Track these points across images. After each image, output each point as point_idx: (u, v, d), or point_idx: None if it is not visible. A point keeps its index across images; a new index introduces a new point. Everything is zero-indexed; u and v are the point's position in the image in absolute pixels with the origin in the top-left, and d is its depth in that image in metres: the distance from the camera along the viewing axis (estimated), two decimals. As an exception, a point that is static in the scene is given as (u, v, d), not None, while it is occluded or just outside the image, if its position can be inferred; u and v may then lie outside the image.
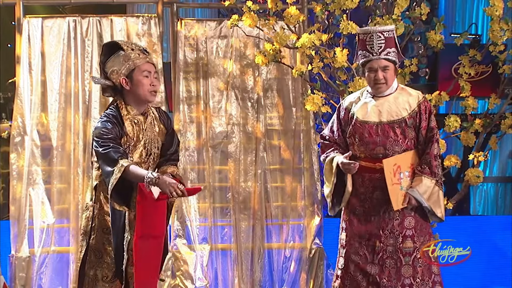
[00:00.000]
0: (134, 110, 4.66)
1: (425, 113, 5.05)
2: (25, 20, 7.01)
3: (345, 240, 5.11)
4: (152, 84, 4.64)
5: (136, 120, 4.64)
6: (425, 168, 5.00)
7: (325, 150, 5.17)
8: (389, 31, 5.01)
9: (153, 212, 4.52)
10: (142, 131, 4.64)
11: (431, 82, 8.95)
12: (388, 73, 5.00)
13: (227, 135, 7.15)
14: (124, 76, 4.60)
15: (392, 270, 4.98)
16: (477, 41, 8.26)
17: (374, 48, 4.97)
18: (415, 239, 5.03)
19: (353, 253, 5.04)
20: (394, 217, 5.00)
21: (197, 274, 7.01)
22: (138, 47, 4.71)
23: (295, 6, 6.35)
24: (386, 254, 4.98)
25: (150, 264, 4.58)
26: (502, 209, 10.10)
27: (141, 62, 4.62)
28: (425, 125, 5.04)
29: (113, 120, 4.56)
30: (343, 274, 5.07)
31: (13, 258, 6.87)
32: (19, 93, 6.96)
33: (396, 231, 5.00)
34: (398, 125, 5.01)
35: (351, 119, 5.09)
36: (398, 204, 4.95)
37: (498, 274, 7.41)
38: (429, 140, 5.04)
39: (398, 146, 5.00)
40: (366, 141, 5.01)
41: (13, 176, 6.96)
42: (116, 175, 4.38)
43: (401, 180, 4.96)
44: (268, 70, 7.16)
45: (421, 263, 5.03)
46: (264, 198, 7.13)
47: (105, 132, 4.50)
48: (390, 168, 4.92)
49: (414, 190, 4.97)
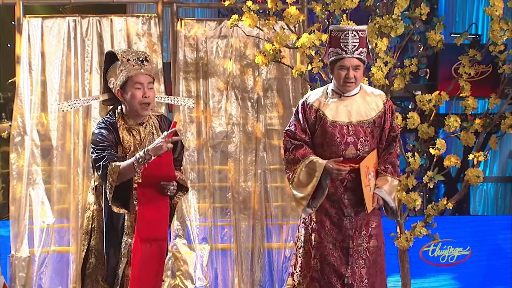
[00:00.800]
0: (131, 120, 4.62)
1: (389, 112, 5.06)
2: (25, 20, 7.01)
3: (317, 241, 5.06)
4: (144, 96, 4.56)
5: (133, 131, 4.61)
6: (388, 167, 5.01)
7: (297, 150, 5.04)
8: (363, 31, 5.00)
9: (155, 214, 4.51)
10: (140, 141, 4.62)
11: (431, 82, 8.96)
12: (359, 73, 4.99)
13: (227, 135, 7.16)
14: (119, 87, 4.57)
15: (363, 270, 4.98)
16: (477, 41, 8.26)
17: (348, 46, 4.95)
18: (378, 238, 5.05)
19: (327, 255, 5.00)
20: (363, 217, 4.99)
21: (197, 274, 7.01)
22: (136, 56, 4.62)
23: (295, 6, 6.35)
24: (358, 254, 4.97)
25: (152, 268, 4.57)
26: (502, 209, 10.10)
27: (134, 73, 4.55)
28: (389, 125, 5.05)
29: (109, 127, 4.55)
30: (318, 276, 5.04)
31: (13, 258, 6.87)
32: (19, 93, 6.96)
33: (363, 231, 5.00)
34: (368, 125, 5.00)
35: (320, 119, 5.02)
36: (371, 206, 4.95)
37: (498, 274, 7.42)
38: (392, 140, 5.05)
39: (368, 146, 4.98)
40: (337, 142, 4.96)
41: (13, 176, 6.96)
42: (110, 178, 4.36)
43: (370, 181, 4.97)
44: (268, 70, 7.16)
45: (379, 261, 5.06)
46: (264, 198, 7.13)
47: (101, 139, 4.49)
48: (363, 171, 4.91)
49: (382, 190, 4.97)
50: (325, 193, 4.96)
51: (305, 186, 5.00)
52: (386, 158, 5.02)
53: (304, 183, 5.00)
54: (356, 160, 4.93)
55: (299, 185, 5.02)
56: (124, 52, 4.63)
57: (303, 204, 5.01)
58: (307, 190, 4.98)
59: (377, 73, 6.05)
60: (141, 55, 4.64)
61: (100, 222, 4.64)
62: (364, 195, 4.89)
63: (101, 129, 4.54)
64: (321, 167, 4.92)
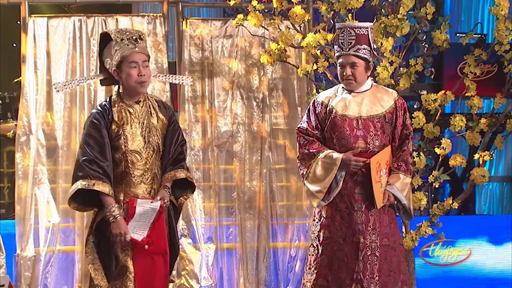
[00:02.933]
0: (128, 98, 4.64)
1: (401, 110, 5.06)
2: (30, 19, 7.03)
3: (327, 237, 5.07)
4: (140, 74, 4.58)
5: (129, 109, 4.62)
6: (401, 165, 5.00)
7: (311, 146, 5.05)
8: (361, 28, 4.98)
9: (151, 235, 4.51)
10: (135, 118, 4.62)
11: (437, 82, 8.96)
12: (357, 70, 4.98)
13: (232, 135, 7.16)
14: (115, 67, 4.59)
15: (375, 267, 4.96)
16: (482, 40, 8.26)
17: (345, 43, 4.97)
18: (389, 237, 5.02)
19: (337, 250, 5.01)
20: (374, 213, 4.98)
21: (203, 274, 7.02)
22: (129, 35, 4.62)
23: (301, 5, 6.35)
24: (370, 250, 4.96)
25: (155, 282, 4.57)
26: (508, 208, 10.10)
27: (128, 53, 4.56)
28: (401, 122, 5.05)
29: (101, 110, 4.58)
30: (326, 271, 5.04)
31: (19, 258, 6.89)
32: (25, 93, 6.98)
33: (377, 227, 4.98)
34: (378, 120, 5.00)
35: (329, 113, 5.04)
36: (381, 202, 4.94)
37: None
38: (405, 138, 5.05)
39: (378, 141, 4.98)
40: (347, 135, 4.98)
41: (18, 176, 6.97)
42: (72, 191, 4.50)
43: (381, 178, 4.96)
44: (273, 70, 7.17)
45: (393, 261, 5.03)
46: (269, 197, 7.14)
47: (92, 135, 4.53)
48: (374, 166, 4.91)
49: (393, 187, 4.96)
50: (339, 187, 4.97)
51: (322, 180, 5.00)
52: (399, 156, 5.03)
53: (321, 177, 5.00)
54: (367, 154, 4.93)
55: (315, 179, 5.02)
56: (118, 32, 4.65)
57: (318, 198, 5.01)
58: (324, 183, 4.99)
59: (383, 72, 6.05)
60: (134, 34, 4.64)
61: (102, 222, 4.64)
62: (374, 190, 4.89)
63: (94, 115, 4.57)
64: (338, 159, 4.93)
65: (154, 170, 4.63)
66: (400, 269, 5.06)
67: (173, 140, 4.70)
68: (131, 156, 4.56)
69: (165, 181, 4.62)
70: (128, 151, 4.56)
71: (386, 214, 5.03)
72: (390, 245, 5.01)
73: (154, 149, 4.64)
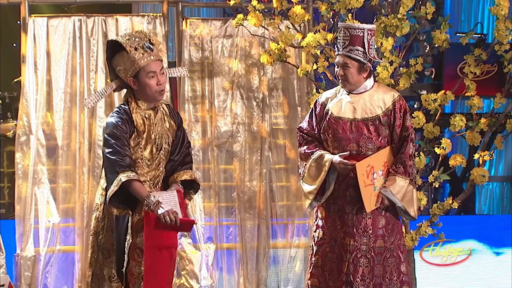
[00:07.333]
0: (145, 104, 4.61)
1: (399, 111, 5.01)
2: (30, 19, 7.03)
3: (322, 238, 5.08)
4: (158, 83, 4.56)
5: (146, 115, 4.60)
6: (399, 167, 4.97)
7: (308, 146, 5.08)
8: (356, 29, 4.96)
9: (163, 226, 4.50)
10: (152, 125, 4.60)
11: (437, 81, 8.94)
12: (349, 71, 4.96)
13: (232, 135, 7.16)
14: (131, 77, 4.55)
15: (366, 269, 4.95)
16: (482, 40, 8.25)
17: (340, 43, 4.98)
18: (385, 239, 5.00)
19: (329, 251, 5.02)
20: (367, 215, 4.97)
21: (202, 274, 7.02)
22: (141, 43, 4.57)
23: (300, 5, 6.35)
24: (360, 253, 4.95)
25: (162, 275, 4.56)
26: (508, 208, 10.09)
27: (146, 63, 4.53)
28: (399, 124, 5.01)
29: (124, 116, 4.52)
30: (318, 272, 5.05)
31: (19, 257, 6.89)
32: (25, 93, 6.98)
33: (369, 229, 4.97)
34: (372, 123, 4.98)
35: (326, 115, 5.05)
36: (371, 206, 4.92)
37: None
38: (404, 139, 5.01)
39: (371, 144, 4.97)
40: (340, 137, 4.98)
41: (18, 176, 6.97)
42: (113, 188, 4.37)
43: (375, 181, 4.94)
44: (273, 70, 7.17)
45: (390, 262, 5.01)
46: (269, 197, 7.14)
47: (115, 133, 4.46)
48: (362, 171, 4.88)
49: (387, 190, 4.94)
50: (331, 188, 4.98)
51: (314, 180, 5.02)
52: (397, 158, 5.00)
53: (313, 177, 5.03)
54: (360, 157, 4.93)
55: (308, 179, 5.06)
56: (128, 40, 4.57)
57: (309, 198, 5.05)
58: (315, 184, 5.01)
59: (383, 72, 6.05)
60: (145, 40, 4.60)
61: (110, 220, 4.61)
62: (362, 194, 4.88)
63: (116, 119, 4.50)
64: (328, 161, 4.94)
65: (160, 176, 4.65)
66: (399, 269, 5.05)
67: (179, 143, 4.71)
68: (142, 162, 4.57)
69: (174, 181, 4.64)
70: (140, 157, 4.56)
71: (383, 216, 5.01)
72: (385, 247, 4.99)
73: (165, 155, 4.65)
